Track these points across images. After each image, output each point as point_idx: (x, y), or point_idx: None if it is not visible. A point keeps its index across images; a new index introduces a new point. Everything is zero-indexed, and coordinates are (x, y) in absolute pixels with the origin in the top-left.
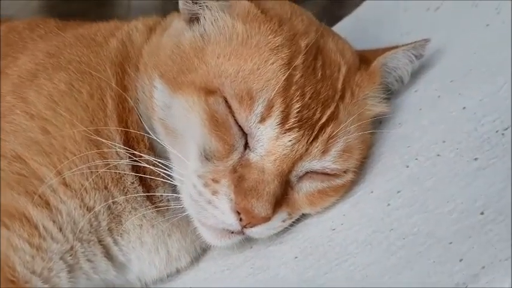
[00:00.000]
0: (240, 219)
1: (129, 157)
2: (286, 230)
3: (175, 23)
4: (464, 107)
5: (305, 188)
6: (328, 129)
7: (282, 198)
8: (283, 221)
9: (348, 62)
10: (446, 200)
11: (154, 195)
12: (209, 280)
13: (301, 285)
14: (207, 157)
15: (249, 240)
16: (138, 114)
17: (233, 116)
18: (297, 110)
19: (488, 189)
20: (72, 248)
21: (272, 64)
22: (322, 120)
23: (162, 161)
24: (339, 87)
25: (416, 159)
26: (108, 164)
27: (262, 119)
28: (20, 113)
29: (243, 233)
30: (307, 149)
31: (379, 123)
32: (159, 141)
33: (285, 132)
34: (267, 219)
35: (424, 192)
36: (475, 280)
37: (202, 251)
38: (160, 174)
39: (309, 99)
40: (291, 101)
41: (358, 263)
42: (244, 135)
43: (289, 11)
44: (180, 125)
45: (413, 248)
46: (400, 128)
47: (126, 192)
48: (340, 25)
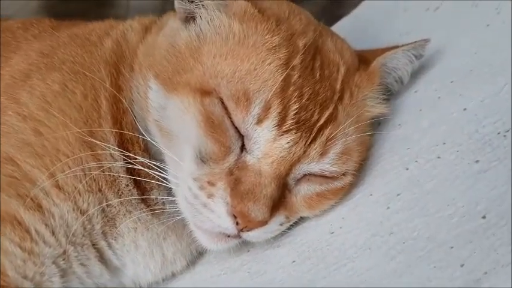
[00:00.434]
0: (237, 223)
1: (124, 159)
2: (283, 233)
3: (171, 23)
4: (465, 108)
5: (303, 190)
6: (327, 131)
7: (279, 201)
8: (281, 225)
9: (347, 62)
10: (446, 203)
11: (149, 197)
12: (205, 284)
13: None
14: (202, 159)
15: (245, 244)
16: (133, 115)
17: (229, 117)
18: (295, 111)
19: (490, 193)
20: (65, 252)
21: (269, 64)
22: (321, 122)
23: (157, 163)
24: (338, 88)
25: (416, 161)
26: (102, 166)
27: (259, 121)
28: (12, 114)
29: (239, 237)
30: (305, 151)
31: (378, 124)
32: (154, 143)
33: (282, 134)
34: (264, 223)
35: (424, 195)
36: (477, 286)
37: (198, 254)
38: (155, 176)
39: (307, 100)
40: (288, 102)
41: (357, 267)
42: (241, 137)
43: (286, 10)
44: (175, 126)
45: (413, 252)
46: (399, 129)
47: (120, 195)
48: (339, 25)
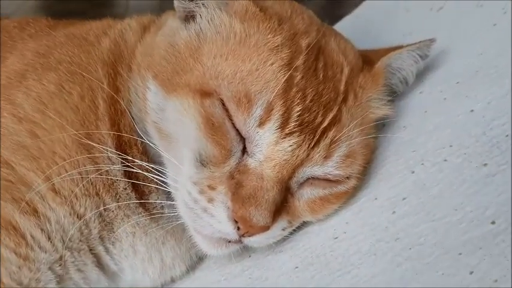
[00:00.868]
0: (238, 228)
1: (122, 162)
2: (286, 238)
3: (170, 22)
4: (472, 110)
5: (306, 195)
6: (331, 134)
7: (281, 205)
8: (283, 230)
9: (351, 62)
10: (454, 208)
11: (148, 201)
12: None
13: None
14: (202, 163)
15: (247, 249)
16: (131, 117)
17: (230, 119)
18: (298, 113)
19: (499, 197)
20: (61, 257)
21: (271, 65)
22: (324, 124)
23: (156, 167)
24: (342, 89)
25: (422, 164)
26: (100, 169)
27: (261, 123)
28: (7, 115)
29: (240, 242)
30: (308, 154)
31: (382, 126)
32: (152, 146)
33: (285, 137)
34: (266, 228)
35: (431, 200)
36: None
37: (198, 259)
38: (153, 180)
39: (310, 101)
40: (291, 103)
41: (361, 274)
42: (242, 139)
43: (289, 9)
44: (174, 128)
45: (420, 259)
46: (404, 131)
47: (118, 199)
48: (340, 25)
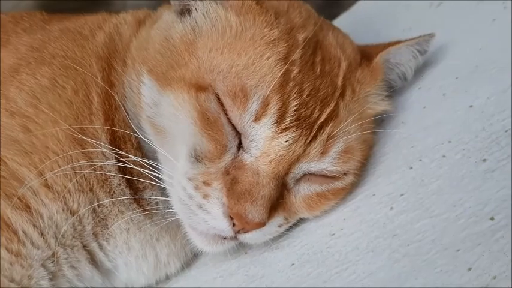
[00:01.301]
0: (233, 225)
1: (116, 157)
2: (282, 235)
3: (166, 16)
4: (471, 106)
5: (303, 191)
6: (327, 129)
7: (277, 202)
8: (279, 226)
9: (349, 57)
10: (453, 204)
11: (142, 197)
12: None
13: None
14: (197, 158)
15: (243, 246)
16: (125, 112)
17: (226, 114)
18: (294, 108)
19: (498, 193)
20: (54, 254)
21: (268, 59)
22: (321, 119)
23: (151, 162)
24: (339, 84)
25: (421, 160)
26: (93, 164)
27: (257, 118)
28: None
29: (236, 239)
30: (304, 150)
31: (381, 122)
32: (147, 141)
33: (281, 132)
34: (261, 224)
35: (429, 196)
36: None
37: (194, 256)
38: (148, 175)
39: (307, 96)
40: (287, 98)
41: (359, 271)
42: (238, 134)
43: (286, 3)
44: (169, 123)
45: (418, 255)
46: (403, 127)
47: (112, 195)
48: (338, 21)
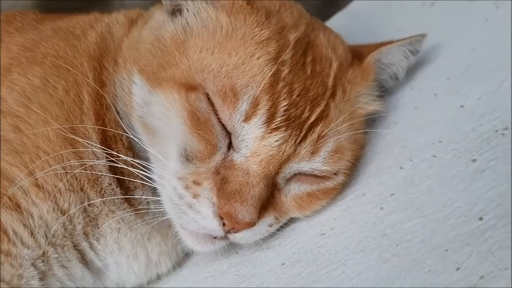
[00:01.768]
0: (224, 224)
1: (106, 157)
2: (273, 235)
3: (157, 15)
4: (462, 106)
5: (293, 190)
6: (318, 129)
7: (268, 201)
8: (270, 226)
9: (340, 57)
10: (442, 204)
11: (133, 197)
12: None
13: None
14: (187, 158)
15: (234, 246)
16: (116, 111)
17: (216, 114)
18: (284, 108)
19: (488, 193)
20: (44, 253)
21: (258, 59)
22: (311, 119)
23: (141, 162)
24: (330, 84)
25: (412, 160)
26: (84, 164)
27: (247, 118)
28: None
29: (226, 239)
30: (295, 150)
31: (372, 122)
32: (138, 141)
33: (271, 132)
34: (251, 224)
35: (420, 196)
36: None
37: (185, 255)
38: (139, 175)
39: (297, 96)
40: (278, 98)
41: (348, 271)
42: (228, 134)
43: (277, 3)
44: (159, 123)
45: (407, 255)
46: (394, 127)
47: (103, 194)
48: (333, 20)
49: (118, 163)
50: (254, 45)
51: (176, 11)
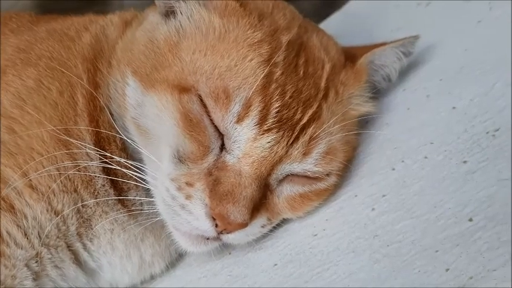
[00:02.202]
0: (216, 225)
1: (100, 158)
2: (266, 235)
3: (151, 17)
4: (454, 107)
5: (285, 191)
6: (310, 130)
7: (260, 202)
8: (262, 227)
9: (333, 59)
10: (433, 205)
11: (127, 198)
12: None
13: None
14: (180, 159)
15: (227, 246)
16: (110, 113)
17: (208, 115)
18: (277, 109)
19: (478, 194)
20: (37, 254)
21: (251, 61)
22: (303, 121)
23: (135, 163)
24: (322, 85)
25: (403, 161)
26: (78, 165)
27: (240, 119)
28: None
29: (219, 239)
30: (287, 151)
31: (365, 123)
32: (131, 142)
33: (263, 133)
34: (243, 225)
35: (411, 197)
36: None
37: (178, 256)
38: (132, 176)
39: (290, 98)
40: (270, 100)
41: (340, 271)
42: (221, 136)
43: (270, 5)
44: (152, 124)
45: (397, 256)
46: (387, 128)
47: (96, 195)
48: (329, 21)
49: (111, 164)
50: (247, 47)
51: (170, 13)
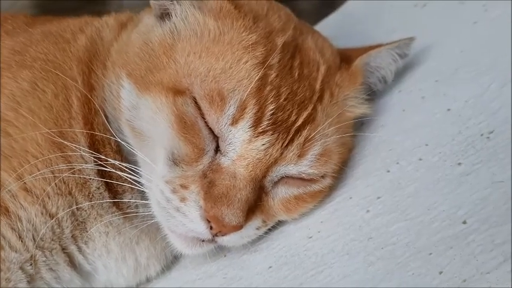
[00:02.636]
0: (211, 228)
1: (95, 161)
2: (261, 237)
3: (146, 19)
4: (449, 109)
5: (280, 193)
6: (305, 132)
7: (255, 205)
8: (257, 229)
9: (328, 61)
10: (427, 207)
11: (122, 201)
12: None
13: None
14: (175, 161)
15: (222, 249)
16: (105, 115)
17: (203, 117)
18: (271, 111)
19: (472, 197)
20: (32, 256)
21: (245, 63)
22: (298, 123)
23: (130, 166)
24: (317, 87)
25: (398, 163)
26: (72, 168)
27: (234, 121)
28: None
29: (214, 242)
30: (282, 153)
31: (361, 125)
32: (126, 145)
33: (258, 136)
34: (238, 227)
35: (405, 199)
36: None
37: (174, 258)
38: (127, 179)
39: (285, 100)
40: (264, 102)
41: (334, 274)
42: (215, 138)
43: (265, 7)
44: (147, 127)
45: (392, 258)
46: (382, 130)
47: (91, 198)
48: (325, 22)
49: (106, 167)
50: (241, 49)
51: (164, 15)
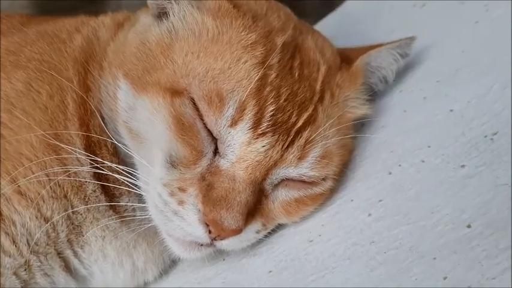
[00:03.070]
0: (209, 231)
1: (91, 163)
2: (261, 241)
3: (143, 19)
4: (451, 110)
5: (281, 196)
6: (305, 134)
7: (255, 208)
8: (257, 233)
9: (328, 61)
10: (430, 211)
11: (118, 204)
12: None
13: None
14: (173, 164)
15: (221, 252)
16: (101, 117)
17: (201, 119)
18: (271, 113)
19: (475, 200)
20: (26, 261)
21: (245, 63)
22: (299, 124)
23: (126, 168)
24: (318, 88)
25: (400, 165)
26: (68, 170)
27: (233, 123)
28: None
29: (213, 246)
30: (282, 155)
31: (361, 126)
32: (123, 146)
33: (257, 137)
34: (238, 231)
35: (407, 202)
36: None
37: (172, 262)
38: (124, 182)
39: (285, 101)
40: (264, 103)
41: (335, 279)
42: (214, 140)
43: (264, 6)
44: (144, 128)
45: (394, 263)
46: (383, 131)
47: (87, 201)
48: (324, 22)
49: (102, 169)
50: (241, 49)
51: (162, 15)
